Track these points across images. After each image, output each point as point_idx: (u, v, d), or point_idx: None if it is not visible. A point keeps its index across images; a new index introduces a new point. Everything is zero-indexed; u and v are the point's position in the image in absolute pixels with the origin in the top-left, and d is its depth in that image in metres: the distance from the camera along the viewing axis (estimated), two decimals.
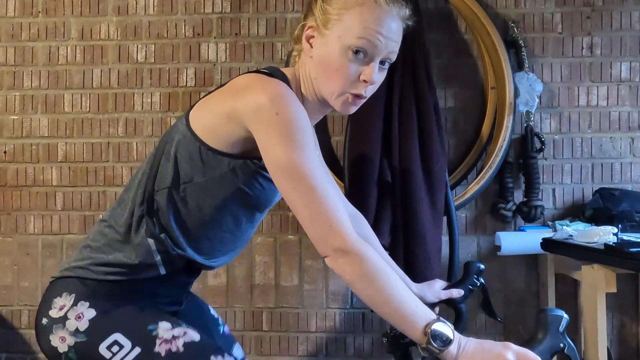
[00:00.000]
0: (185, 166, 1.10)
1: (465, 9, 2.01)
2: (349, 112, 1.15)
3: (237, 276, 2.14)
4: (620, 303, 2.05)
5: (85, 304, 1.08)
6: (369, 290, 1.01)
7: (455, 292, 1.35)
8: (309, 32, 1.13)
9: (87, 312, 1.07)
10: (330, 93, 1.11)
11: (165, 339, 1.06)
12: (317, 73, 1.12)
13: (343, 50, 1.07)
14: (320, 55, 1.10)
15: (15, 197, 2.18)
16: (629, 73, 2.09)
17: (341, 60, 1.07)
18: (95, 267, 1.11)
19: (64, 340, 1.06)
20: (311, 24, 1.12)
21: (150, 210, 1.12)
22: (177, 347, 1.06)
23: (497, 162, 1.98)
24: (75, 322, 1.06)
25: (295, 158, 1.01)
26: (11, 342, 2.16)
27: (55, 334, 1.07)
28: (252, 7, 2.14)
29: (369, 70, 1.08)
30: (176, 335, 1.07)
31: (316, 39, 1.11)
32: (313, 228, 1.02)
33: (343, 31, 1.07)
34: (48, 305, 1.10)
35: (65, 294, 1.09)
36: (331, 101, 1.13)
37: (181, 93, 2.15)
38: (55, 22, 2.17)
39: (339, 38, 1.07)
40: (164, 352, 1.05)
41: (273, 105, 1.01)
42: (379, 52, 1.08)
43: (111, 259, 1.11)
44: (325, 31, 1.09)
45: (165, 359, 1.04)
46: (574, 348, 1.03)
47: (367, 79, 1.08)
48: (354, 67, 1.08)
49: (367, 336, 2.11)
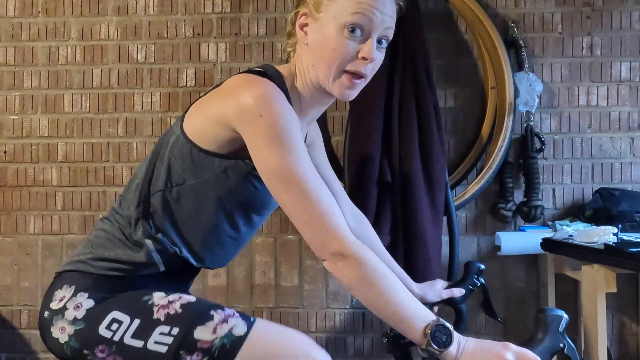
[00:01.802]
0: (178, 168, 1.10)
1: (465, 9, 2.01)
2: (349, 97, 1.11)
3: (237, 276, 2.14)
4: (620, 303, 2.05)
5: (84, 294, 1.08)
6: (368, 294, 1.00)
7: (457, 292, 1.35)
8: (302, 20, 1.12)
9: (85, 302, 1.07)
10: (327, 76, 1.09)
11: (162, 305, 1.06)
12: (314, 58, 1.10)
13: (339, 29, 1.05)
14: (315, 40, 1.09)
15: (15, 197, 2.18)
16: (629, 73, 2.09)
17: (337, 39, 1.06)
18: (96, 261, 1.11)
19: (63, 330, 1.06)
20: (304, 11, 1.11)
21: (146, 213, 1.12)
22: (175, 310, 1.05)
23: (497, 162, 1.98)
24: (74, 312, 1.07)
25: (284, 162, 0.99)
26: (11, 342, 2.16)
27: (55, 325, 1.07)
28: (252, 7, 2.14)
29: (367, 47, 1.06)
30: (172, 300, 1.07)
31: (310, 25, 1.10)
32: (309, 232, 1.01)
33: (337, 10, 1.06)
34: (49, 298, 1.11)
35: (66, 286, 1.10)
36: (328, 86, 1.10)
37: (181, 93, 2.15)
38: (55, 22, 2.17)
39: (333, 18, 1.06)
40: (163, 316, 1.04)
41: (257, 106, 1.00)
42: (376, 27, 1.06)
43: (112, 255, 1.11)
44: (318, 15, 1.08)
45: (166, 322, 1.03)
46: (573, 348, 1.03)
47: (366, 56, 1.06)
48: (351, 45, 1.06)
49: (367, 336, 2.11)
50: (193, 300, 1.08)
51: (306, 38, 1.11)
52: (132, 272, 1.12)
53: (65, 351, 1.07)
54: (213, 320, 1.03)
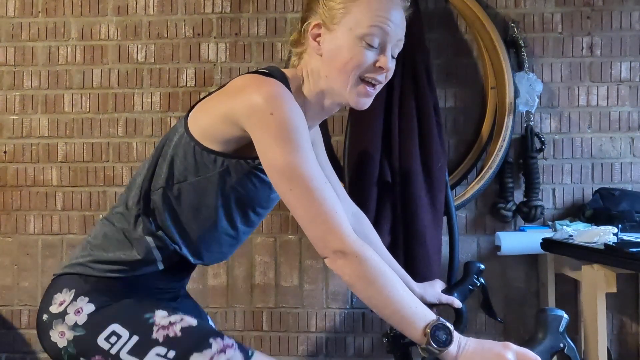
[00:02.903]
0: (180, 166, 1.11)
1: (465, 9, 2.01)
2: (363, 107, 1.14)
3: (237, 276, 2.14)
4: (620, 303, 2.05)
5: (84, 299, 1.08)
6: (369, 292, 1.01)
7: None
8: (314, 31, 1.13)
9: (86, 307, 1.07)
10: (344, 85, 1.11)
11: (162, 325, 1.05)
12: (329, 69, 1.11)
13: (356, 40, 1.08)
14: (331, 51, 1.11)
15: (15, 197, 2.18)
16: (629, 73, 2.09)
17: (355, 49, 1.08)
18: (95, 264, 1.11)
19: (63, 335, 1.06)
20: (316, 22, 1.12)
21: (146, 210, 1.13)
22: (175, 332, 1.05)
23: (497, 162, 1.98)
24: (74, 317, 1.06)
25: (291, 160, 1.00)
26: (11, 342, 2.16)
27: (55, 329, 1.07)
28: (252, 7, 2.14)
29: (384, 58, 1.10)
30: (173, 321, 1.06)
31: (324, 36, 1.11)
32: (312, 229, 1.02)
33: (353, 23, 1.08)
34: (49, 301, 1.10)
35: (66, 290, 1.10)
36: (345, 95, 1.12)
37: (181, 93, 2.15)
38: (55, 22, 2.17)
39: (350, 30, 1.08)
40: (162, 337, 1.04)
41: (268, 105, 1.01)
42: (390, 38, 1.10)
43: (111, 256, 1.11)
44: (333, 26, 1.10)
45: (164, 344, 1.03)
46: (574, 348, 1.03)
47: (383, 66, 1.10)
48: (369, 54, 1.09)
49: (367, 336, 2.11)
50: (194, 324, 1.08)
51: (320, 49, 1.12)
52: (131, 271, 1.12)
53: (63, 356, 1.07)
54: (211, 349, 1.03)
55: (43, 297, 1.13)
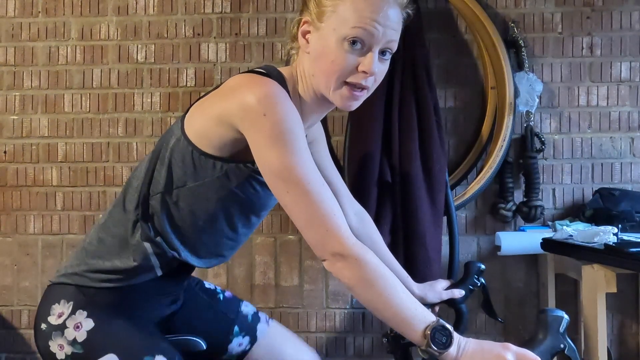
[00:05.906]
0: (179, 171, 1.09)
1: (465, 9, 2.01)
2: (350, 108, 1.09)
3: (237, 276, 2.14)
4: (620, 303, 2.05)
5: (83, 313, 1.08)
6: (368, 294, 1.00)
7: (457, 292, 1.35)
8: (304, 27, 1.09)
9: (85, 322, 1.07)
10: (327, 87, 1.07)
11: None
12: (314, 68, 1.08)
13: (339, 41, 1.03)
14: (316, 50, 1.07)
15: (15, 197, 2.18)
16: (629, 73, 2.09)
17: (337, 52, 1.03)
18: (91, 274, 1.10)
19: (62, 348, 1.07)
20: (306, 19, 1.09)
21: (145, 215, 1.11)
22: None
23: (497, 162, 1.98)
24: (74, 332, 1.06)
25: (287, 162, 0.99)
26: (11, 342, 2.16)
27: (54, 341, 1.07)
28: (252, 7, 2.14)
29: (367, 61, 1.03)
30: None
31: (312, 34, 1.08)
32: (310, 232, 1.01)
33: (338, 22, 1.03)
34: (47, 310, 1.10)
35: (63, 302, 1.09)
36: (329, 96, 1.08)
37: (181, 93, 2.15)
38: (55, 22, 2.17)
39: (334, 30, 1.03)
40: None
41: (261, 106, 0.99)
42: (377, 41, 1.03)
43: (108, 265, 1.10)
44: (320, 24, 1.06)
45: None
46: (574, 349, 1.03)
47: (366, 69, 1.04)
48: (350, 58, 1.03)
49: (367, 336, 2.11)
50: None
51: (308, 47, 1.09)
52: (128, 280, 1.10)
53: None
54: None
55: (40, 304, 1.12)
